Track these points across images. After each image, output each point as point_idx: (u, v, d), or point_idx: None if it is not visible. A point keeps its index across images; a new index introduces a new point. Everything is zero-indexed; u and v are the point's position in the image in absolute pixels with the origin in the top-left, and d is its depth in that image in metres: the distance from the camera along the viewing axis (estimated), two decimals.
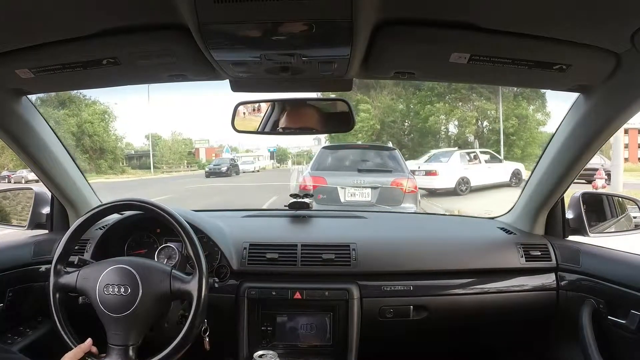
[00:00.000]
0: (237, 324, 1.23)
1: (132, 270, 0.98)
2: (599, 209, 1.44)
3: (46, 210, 1.42)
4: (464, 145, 16.52)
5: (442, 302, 1.25)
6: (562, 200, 1.33)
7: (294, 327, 1.24)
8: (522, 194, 1.41)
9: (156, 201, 1.09)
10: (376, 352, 1.34)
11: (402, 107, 19.13)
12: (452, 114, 17.93)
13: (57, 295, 1.02)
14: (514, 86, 9.44)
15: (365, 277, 1.25)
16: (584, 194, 1.34)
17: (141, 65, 0.93)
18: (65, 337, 1.00)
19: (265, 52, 0.84)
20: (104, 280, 0.98)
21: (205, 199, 9.77)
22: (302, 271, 1.25)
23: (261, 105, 1.19)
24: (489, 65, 0.89)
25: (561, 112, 1.16)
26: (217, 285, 1.10)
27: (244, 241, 1.29)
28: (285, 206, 1.52)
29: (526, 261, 1.27)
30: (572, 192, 1.36)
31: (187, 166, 24.21)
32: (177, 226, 1.04)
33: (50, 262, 1.05)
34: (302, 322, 1.24)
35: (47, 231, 1.42)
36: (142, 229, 1.33)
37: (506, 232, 1.39)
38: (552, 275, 1.27)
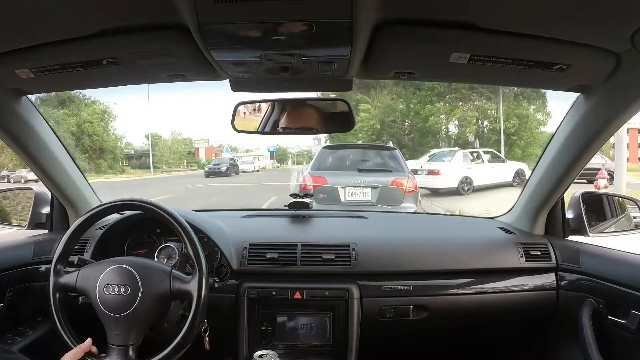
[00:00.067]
0: (237, 324, 1.23)
1: (132, 270, 0.98)
2: (599, 209, 1.44)
3: (46, 210, 1.42)
4: (464, 145, 16.49)
5: (442, 302, 1.25)
6: (562, 200, 1.33)
7: (294, 327, 1.24)
8: (522, 194, 1.41)
9: (156, 201, 1.09)
10: (376, 352, 1.34)
11: (402, 106, 19.11)
12: (453, 113, 17.91)
13: (57, 295, 1.02)
14: (514, 86, 9.43)
15: (365, 277, 1.25)
16: (584, 194, 1.34)
17: (141, 65, 0.93)
18: (65, 337, 1.00)
19: (265, 52, 0.84)
20: (104, 280, 0.98)
21: (204, 199, 9.75)
22: (302, 271, 1.25)
23: (261, 105, 1.19)
24: (489, 65, 0.89)
25: (562, 112, 1.16)
26: (217, 285, 1.10)
27: (244, 241, 1.29)
28: (285, 206, 1.52)
29: (526, 261, 1.27)
30: (573, 192, 1.36)
31: (187, 166, 24.18)
32: (177, 226, 1.04)
33: (50, 262, 1.05)
34: (302, 322, 1.24)
35: (47, 231, 1.42)
36: (142, 229, 1.33)
37: (506, 232, 1.39)
38: (552, 275, 1.28)
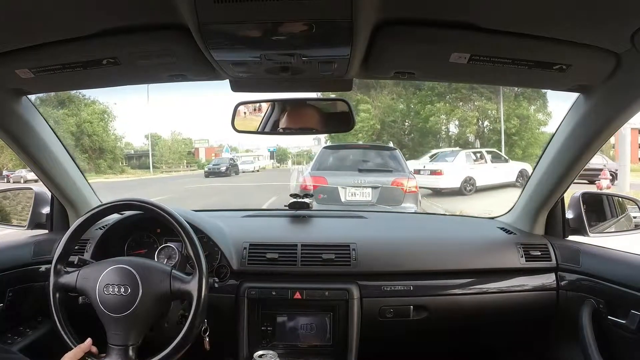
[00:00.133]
0: (237, 324, 1.23)
1: (132, 270, 0.98)
2: (599, 209, 1.44)
3: (46, 210, 1.42)
4: (465, 145, 16.47)
5: (442, 302, 1.25)
6: (562, 200, 1.33)
7: (294, 327, 1.24)
8: (522, 194, 1.41)
9: (156, 201, 1.09)
10: (376, 352, 1.34)
11: (402, 107, 19.10)
12: (453, 113, 17.90)
13: (57, 295, 1.02)
14: (514, 86, 9.41)
15: (365, 277, 1.25)
16: (584, 194, 1.34)
17: (141, 65, 0.93)
18: (65, 337, 1.00)
19: (265, 52, 0.84)
20: (104, 280, 0.98)
21: (203, 199, 9.72)
22: (302, 271, 1.25)
23: (261, 105, 1.19)
24: (489, 65, 0.89)
25: (562, 112, 1.16)
26: (217, 285, 1.10)
27: (244, 241, 1.29)
28: (285, 206, 1.52)
29: (526, 261, 1.27)
30: (573, 192, 1.36)
31: (187, 166, 24.17)
32: (177, 226, 1.04)
33: (50, 262, 1.05)
34: (302, 322, 1.24)
35: (47, 231, 1.42)
36: (142, 229, 1.33)
37: (506, 232, 1.39)
38: (552, 275, 1.27)
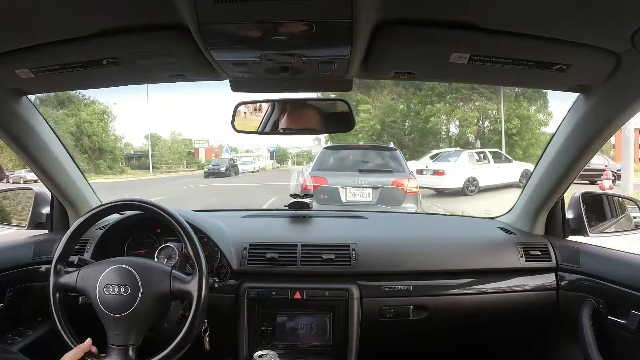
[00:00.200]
0: (237, 324, 1.22)
1: (132, 270, 0.98)
2: (599, 209, 1.44)
3: (46, 210, 1.42)
4: (465, 145, 16.46)
5: (442, 302, 1.25)
6: (562, 200, 1.33)
7: (294, 327, 1.24)
8: (522, 194, 1.41)
9: (156, 201, 1.09)
10: (376, 352, 1.34)
11: (402, 107, 19.10)
12: (453, 114, 17.90)
13: (57, 295, 1.02)
14: (514, 86, 9.40)
15: (365, 277, 1.25)
16: (584, 194, 1.34)
17: (141, 65, 0.93)
18: (65, 337, 1.00)
19: (265, 52, 0.84)
20: (104, 280, 0.98)
21: (202, 200, 9.66)
22: (302, 271, 1.24)
23: (261, 105, 1.19)
24: (489, 65, 0.89)
25: (563, 112, 1.16)
26: (217, 285, 1.10)
27: (244, 241, 1.29)
28: (285, 206, 1.52)
29: (526, 261, 1.27)
30: (573, 193, 1.36)
31: (187, 166, 24.19)
32: (177, 226, 1.04)
33: (50, 262, 1.06)
34: (302, 322, 1.24)
35: (47, 231, 1.42)
36: (142, 229, 1.33)
37: (506, 232, 1.39)
38: (552, 275, 1.27)
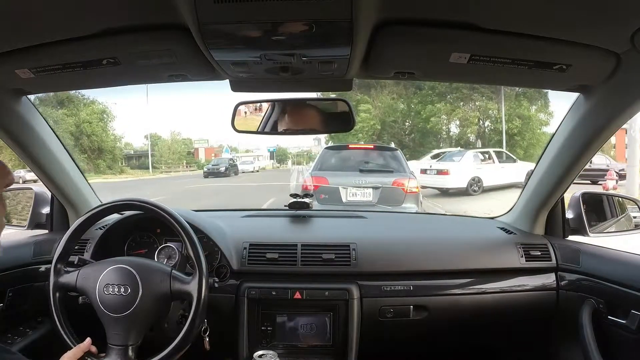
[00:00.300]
0: (237, 324, 1.22)
1: (132, 270, 0.99)
2: (599, 209, 1.44)
3: (46, 210, 1.42)
4: (466, 145, 16.45)
5: (442, 302, 1.25)
6: (562, 200, 1.33)
7: (294, 327, 1.24)
8: (522, 194, 1.41)
9: (156, 201, 1.09)
10: (376, 352, 1.34)
11: (403, 107, 19.10)
12: (454, 113, 17.89)
13: (57, 294, 1.02)
14: (514, 86, 9.39)
15: (365, 277, 1.25)
16: (584, 194, 1.34)
17: (141, 65, 0.93)
18: (65, 336, 1.00)
19: (265, 52, 0.84)
20: (104, 280, 0.98)
21: (200, 200, 9.55)
22: (302, 271, 1.25)
23: (262, 105, 1.19)
24: (489, 65, 0.89)
25: (564, 112, 1.15)
26: (217, 285, 1.10)
27: (244, 241, 1.29)
28: (285, 206, 1.52)
29: (526, 261, 1.27)
30: (574, 193, 1.36)
31: (186, 166, 24.20)
32: (177, 226, 1.04)
33: (50, 262, 1.06)
34: (302, 322, 1.24)
35: (47, 231, 1.42)
36: (142, 229, 1.33)
37: (506, 232, 1.39)
38: (552, 275, 1.27)
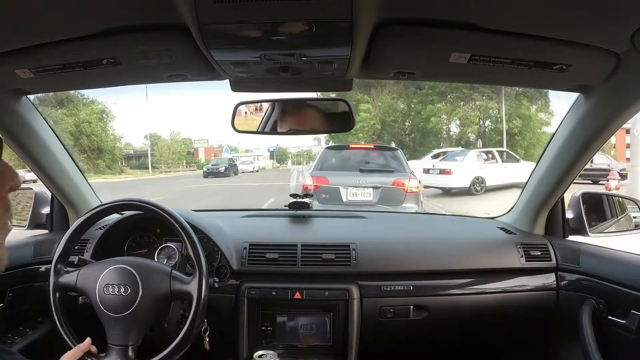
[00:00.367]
0: (237, 324, 1.22)
1: (132, 270, 0.99)
2: (599, 209, 1.44)
3: (46, 210, 1.42)
4: (467, 145, 16.46)
5: (442, 302, 1.25)
6: (562, 200, 1.33)
7: (294, 327, 1.24)
8: (522, 194, 1.41)
9: (156, 201, 1.09)
10: (376, 352, 1.34)
11: (403, 106, 19.10)
12: (454, 113, 17.89)
13: (57, 294, 1.02)
14: (514, 86, 9.38)
15: (365, 277, 1.25)
16: (584, 194, 1.34)
17: (141, 65, 0.93)
18: (65, 336, 1.00)
19: (265, 52, 0.84)
20: (104, 280, 0.98)
21: (199, 201, 9.49)
22: (302, 271, 1.25)
23: (262, 105, 1.19)
24: (489, 65, 0.89)
25: (564, 111, 1.15)
26: (217, 285, 1.10)
27: (244, 241, 1.29)
28: (285, 206, 1.52)
29: (526, 261, 1.27)
30: (574, 192, 1.36)
31: (186, 166, 24.21)
32: (177, 226, 1.04)
33: (50, 262, 1.06)
34: (302, 322, 1.24)
35: (47, 231, 1.42)
36: (142, 229, 1.33)
37: (506, 232, 1.39)
38: (552, 275, 1.27)
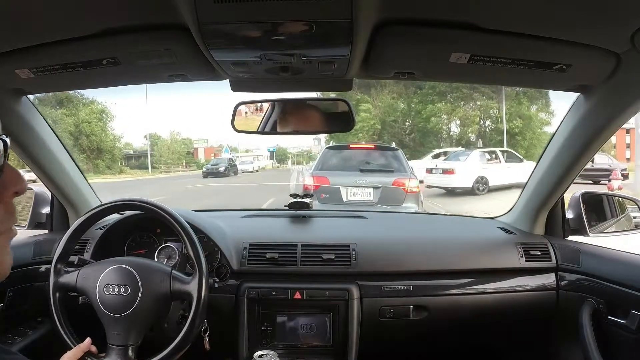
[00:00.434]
0: (237, 324, 1.22)
1: (132, 270, 0.99)
2: (599, 209, 1.43)
3: (46, 210, 1.42)
4: (467, 145, 16.46)
5: (442, 302, 1.25)
6: (562, 200, 1.32)
7: (294, 327, 1.24)
8: (522, 194, 1.41)
9: (156, 201, 1.09)
10: (376, 352, 1.34)
11: (403, 106, 19.10)
12: (454, 113, 17.88)
13: (57, 294, 1.02)
14: (514, 86, 9.37)
15: (365, 277, 1.25)
16: (584, 194, 1.34)
17: (141, 65, 0.93)
18: (65, 336, 1.00)
19: (265, 52, 0.84)
20: (104, 280, 0.98)
21: (199, 201, 9.45)
22: (302, 271, 1.25)
23: (262, 105, 1.19)
24: (489, 65, 0.89)
25: (565, 112, 1.15)
26: (217, 285, 1.10)
27: (244, 241, 1.29)
28: (285, 206, 1.52)
29: (526, 261, 1.27)
30: (574, 192, 1.36)
31: (186, 166, 24.20)
32: (177, 226, 1.04)
33: (50, 262, 1.06)
34: (302, 322, 1.24)
35: (47, 231, 1.42)
36: (142, 229, 1.33)
37: (506, 232, 1.39)
38: (552, 275, 1.27)
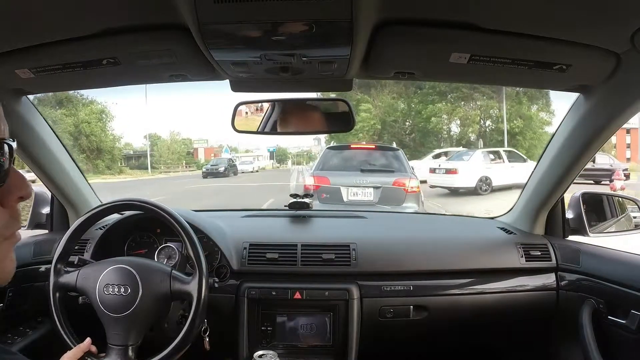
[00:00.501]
0: (237, 324, 1.22)
1: (132, 270, 0.99)
2: (599, 209, 1.44)
3: (46, 210, 1.42)
4: (467, 145, 16.46)
5: (442, 302, 1.25)
6: (562, 200, 1.33)
7: (294, 327, 1.24)
8: (522, 194, 1.41)
9: (156, 201, 1.09)
10: (376, 352, 1.34)
11: (403, 106, 19.10)
12: (455, 113, 17.88)
13: (57, 294, 1.02)
14: (514, 86, 9.36)
15: (365, 277, 1.25)
16: (584, 194, 1.34)
17: (141, 65, 0.93)
18: (65, 336, 1.00)
19: (265, 52, 0.84)
20: (104, 280, 0.98)
21: (198, 201, 9.44)
22: (302, 271, 1.25)
23: (262, 105, 1.19)
24: (489, 65, 0.89)
25: (565, 111, 1.15)
26: (217, 285, 1.10)
27: (244, 241, 1.29)
28: (285, 206, 1.52)
29: (526, 261, 1.27)
30: (574, 192, 1.36)
31: (186, 166, 24.19)
32: (177, 226, 1.04)
33: (50, 262, 1.06)
34: (302, 322, 1.24)
35: (47, 231, 1.42)
36: (142, 229, 1.33)
37: (506, 232, 1.39)
38: (552, 275, 1.27)
